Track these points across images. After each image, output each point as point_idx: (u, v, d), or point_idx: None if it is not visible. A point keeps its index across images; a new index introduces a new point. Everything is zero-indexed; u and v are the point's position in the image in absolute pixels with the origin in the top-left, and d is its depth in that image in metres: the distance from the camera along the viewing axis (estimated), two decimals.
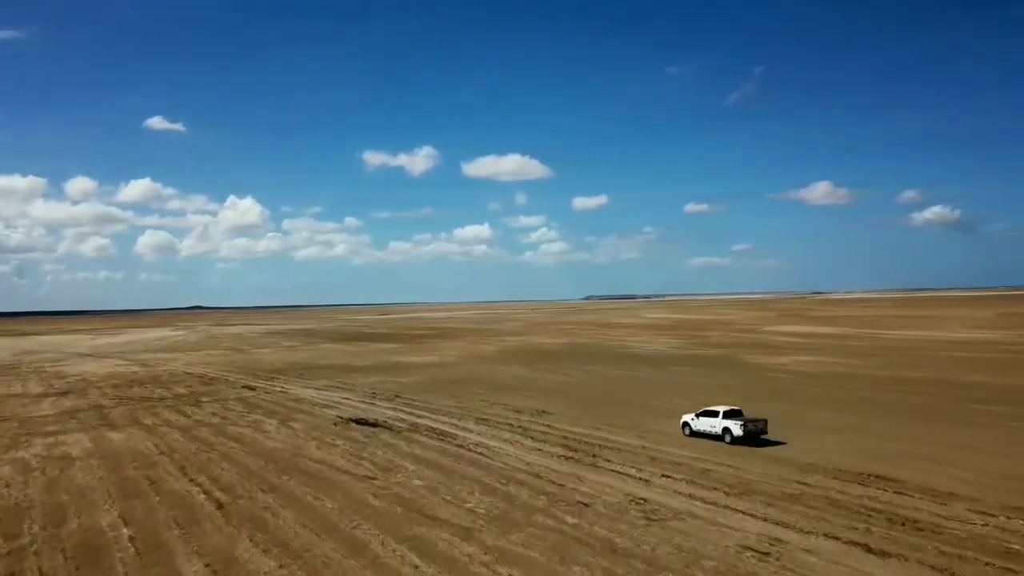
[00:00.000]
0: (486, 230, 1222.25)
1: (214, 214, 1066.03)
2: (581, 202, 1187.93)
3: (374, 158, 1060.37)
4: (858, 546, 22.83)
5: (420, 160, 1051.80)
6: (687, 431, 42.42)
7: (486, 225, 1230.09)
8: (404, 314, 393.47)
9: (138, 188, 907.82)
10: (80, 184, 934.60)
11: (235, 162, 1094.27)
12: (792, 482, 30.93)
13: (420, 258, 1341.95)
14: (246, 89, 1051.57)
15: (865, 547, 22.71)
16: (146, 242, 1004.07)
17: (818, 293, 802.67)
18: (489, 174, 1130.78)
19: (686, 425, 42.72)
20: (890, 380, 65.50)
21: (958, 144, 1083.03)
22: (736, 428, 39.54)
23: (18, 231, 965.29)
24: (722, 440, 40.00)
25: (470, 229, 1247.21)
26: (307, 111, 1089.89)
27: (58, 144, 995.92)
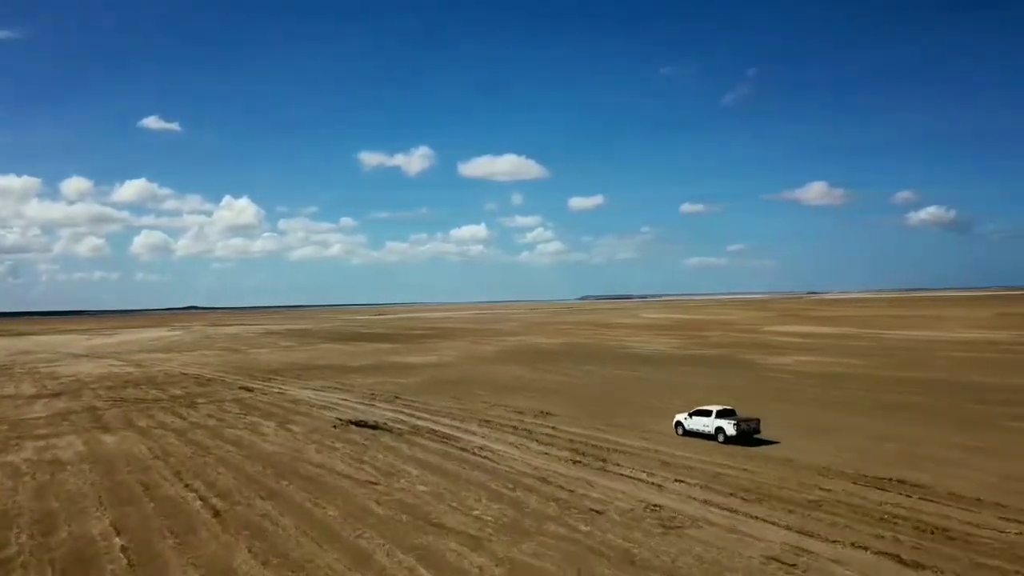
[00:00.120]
0: (482, 230, 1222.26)
1: (210, 214, 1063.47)
2: (577, 202, 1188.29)
3: (370, 158, 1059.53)
4: (889, 557, 21.71)
5: (416, 160, 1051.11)
6: (680, 430, 42.18)
7: (482, 225, 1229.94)
8: (401, 314, 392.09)
9: (133, 188, 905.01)
10: (75, 184, 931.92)
11: (231, 162, 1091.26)
12: (811, 487, 29.86)
13: (416, 258, 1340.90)
14: (242, 89, 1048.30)
15: (896, 558, 21.59)
16: (142, 242, 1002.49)
17: (814, 293, 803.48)
18: (485, 174, 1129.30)
19: (679, 424, 42.49)
20: (891, 380, 64.65)
21: (953, 145, 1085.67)
22: (729, 427, 39.36)
23: (13, 231, 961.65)
24: (715, 439, 39.72)
25: (466, 229, 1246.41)
26: (303, 111, 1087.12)
27: (53, 144, 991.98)
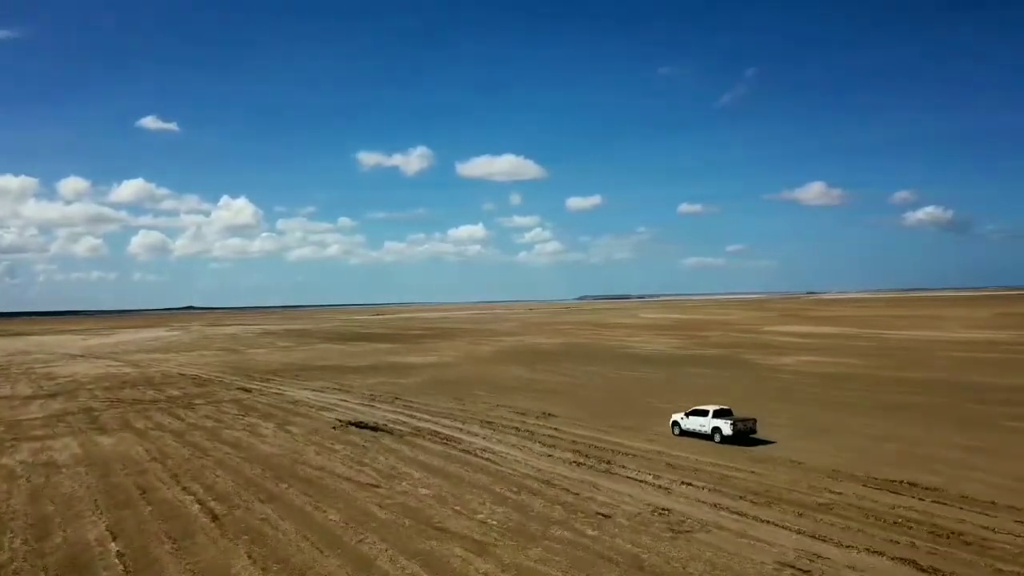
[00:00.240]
0: (480, 230, 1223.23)
1: (207, 214, 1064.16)
2: (575, 202, 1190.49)
3: (368, 158, 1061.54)
4: (905, 563, 21.15)
5: (414, 160, 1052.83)
6: (676, 430, 42.01)
7: (480, 225, 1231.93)
8: (399, 314, 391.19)
9: (131, 188, 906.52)
10: (73, 184, 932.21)
11: (228, 162, 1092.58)
12: (821, 490, 29.30)
13: (415, 258, 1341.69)
14: (240, 89, 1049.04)
15: (913, 564, 21.04)
16: (139, 242, 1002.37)
17: (812, 293, 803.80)
18: (483, 174, 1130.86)
19: (676, 424, 42.34)
20: (891, 380, 64.24)
21: (952, 145, 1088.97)
22: (726, 427, 39.24)
23: (10, 231, 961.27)
24: (711, 439, 39.55)
25: (464, 229, 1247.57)
26: (301, 111, 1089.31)
27: (51, 144, 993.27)
